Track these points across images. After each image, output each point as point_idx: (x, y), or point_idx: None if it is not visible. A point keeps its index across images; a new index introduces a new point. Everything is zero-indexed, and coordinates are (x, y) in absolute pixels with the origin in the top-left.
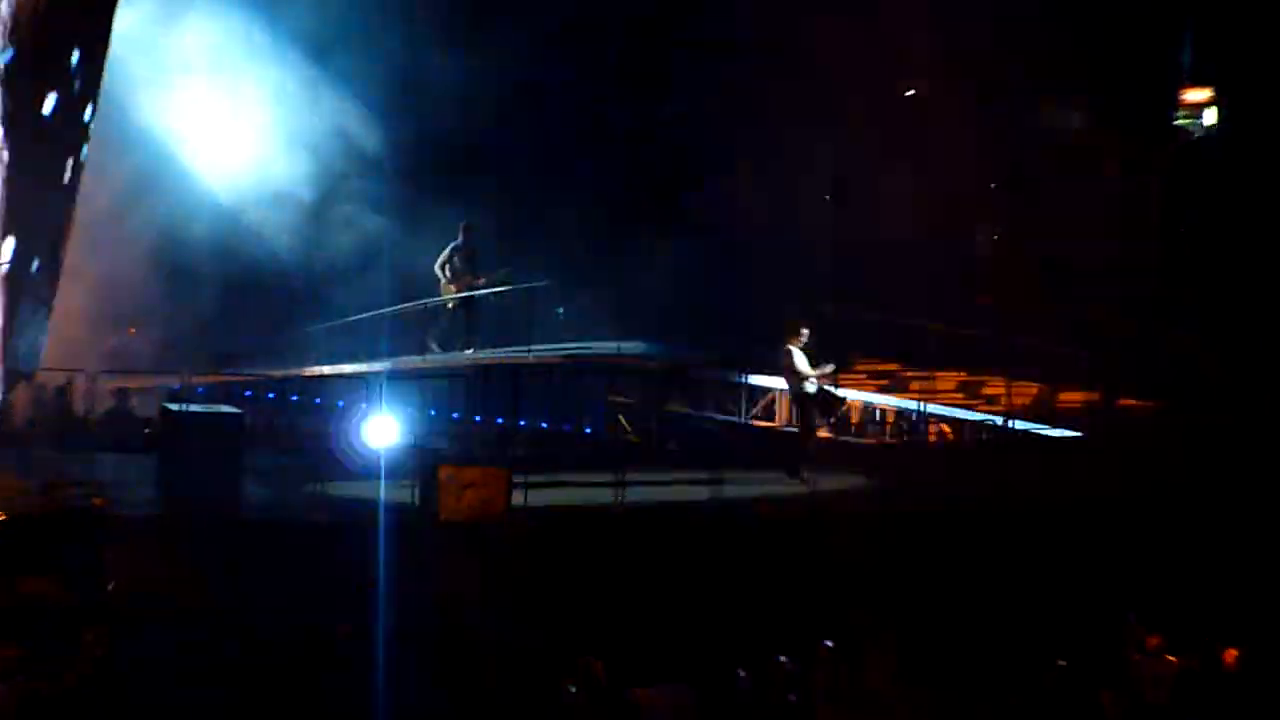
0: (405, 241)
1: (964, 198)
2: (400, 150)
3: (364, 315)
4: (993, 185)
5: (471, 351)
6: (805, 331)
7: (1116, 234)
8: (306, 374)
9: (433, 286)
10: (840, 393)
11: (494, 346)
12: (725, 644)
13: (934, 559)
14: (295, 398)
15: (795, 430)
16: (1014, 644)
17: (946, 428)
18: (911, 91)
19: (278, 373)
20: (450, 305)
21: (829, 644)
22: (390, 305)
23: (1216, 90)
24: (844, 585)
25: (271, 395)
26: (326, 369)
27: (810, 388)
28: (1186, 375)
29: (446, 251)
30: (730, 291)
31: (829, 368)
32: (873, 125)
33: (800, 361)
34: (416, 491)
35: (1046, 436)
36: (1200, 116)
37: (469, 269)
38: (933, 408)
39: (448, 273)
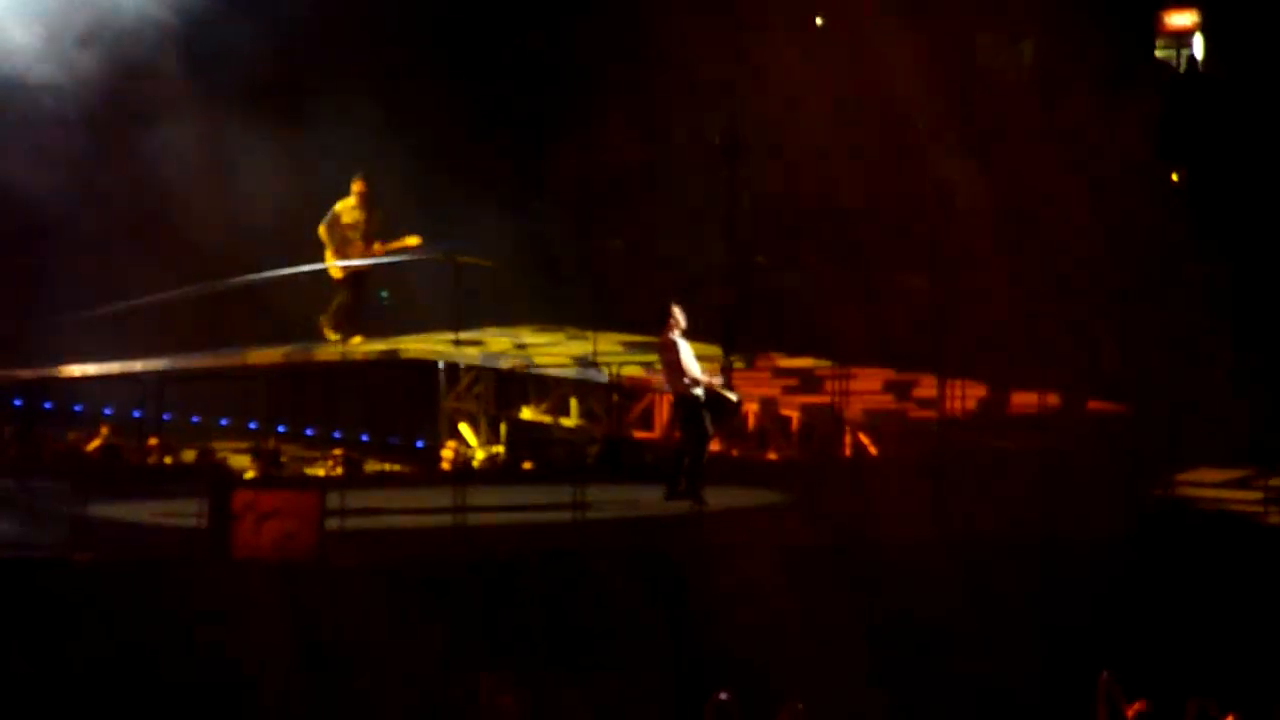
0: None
1: (898, 149)
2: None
3: (147, 299)
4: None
5: (359, 341)
6: (679, 314)
7: (1087, 195)
8: (65, 374)
9: (314, 253)
10: (734, 395)
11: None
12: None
13: (837, 603)
14: (49, 405)
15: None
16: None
17: (865, 438)
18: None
19: (26, 373)
20: (341, 280)
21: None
22: (187, 282)
23: (1203, 12)
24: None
25: (18, 402)
26: (91, 368)
27: (698, 391)
28: (1175, 369)
29: (333, 211)
30: (598, 264)
31: (719, 378)
32: (790, 59)
33: (687, 356)
34: (205, 520)
35: (994, 451)
36: (1185, 45)
37: (362, 234)
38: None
39: (334, 238)
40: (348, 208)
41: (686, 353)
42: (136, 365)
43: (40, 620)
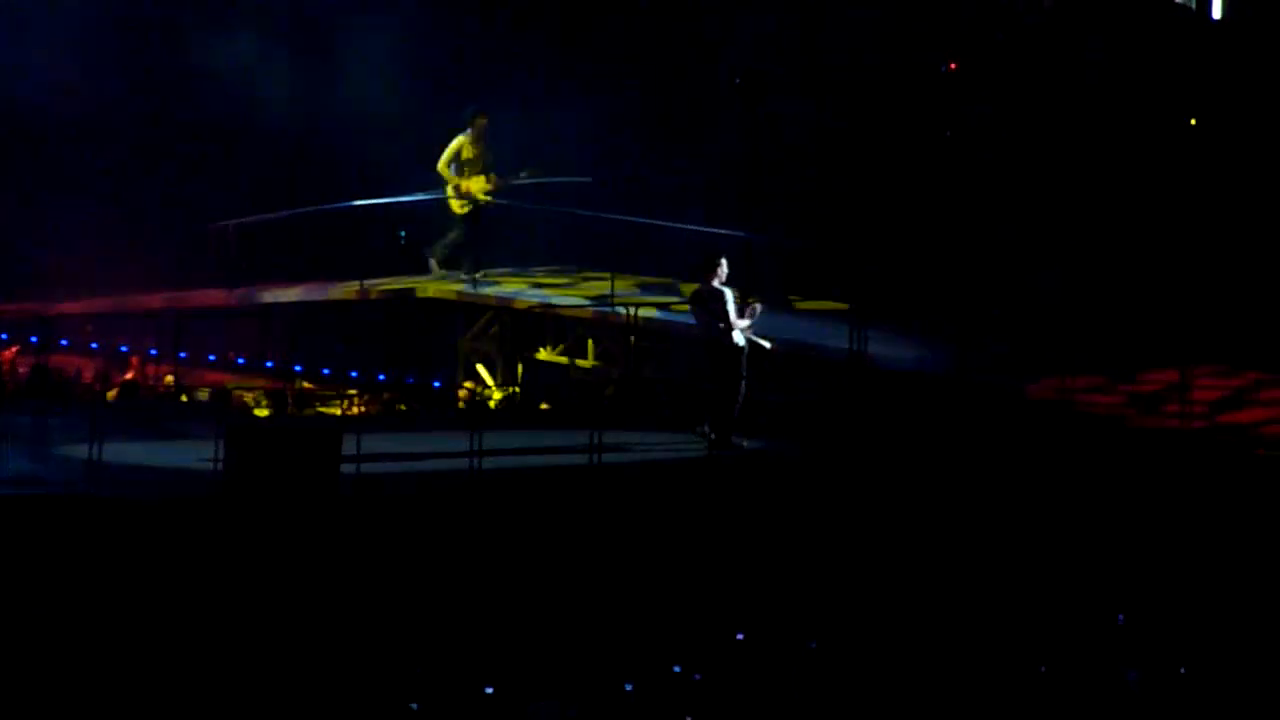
0: None
1: (898, 89)
2: None
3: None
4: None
5: (480, 275)
6: (724, 265)
7: (1093, 144)
8: (81, 310)
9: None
10: (766, 343)
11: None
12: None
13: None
14: (65, 342)
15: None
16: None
17: None
18: None
19: (39, 307)
20: (461, 214)
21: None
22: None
23: None
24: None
25: (34, 338)
26: (107, 303)
27: (739, 339)
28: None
29: (453, 145)
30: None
31: (757, 306)
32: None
33: (731, 306)
34: (220, 462)
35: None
36: None
37: (482, 167)
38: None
39: (454, 171)
40: (466, 143)
41: (730, 302)
42: (154, 301)
43: (53, 559)
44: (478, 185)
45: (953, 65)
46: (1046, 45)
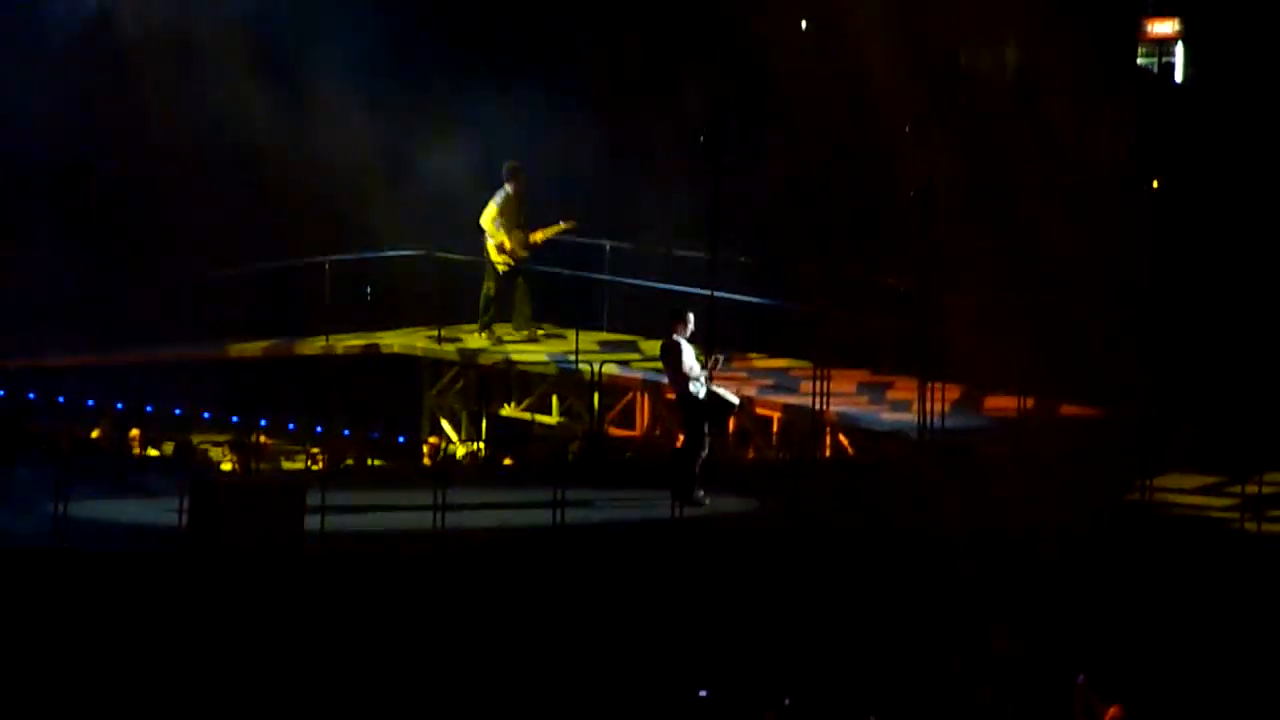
0: None
1: (877, 149)
2: None
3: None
4: (907, 128)
5: (542, 334)
6: (690, 320)
7: (1069, 199)
8: (47, 365)
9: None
10: (732, 398)
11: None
12: None
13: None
14: (32, 396)
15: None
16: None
17: (844, 439)
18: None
19: (8, 363)
20: (501, 272)
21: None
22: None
23: (1185, 22)
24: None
25: (2, 392)
26: (73, 359)
27: (700, 391)
28: (1146, 376)
29: (497, 200)
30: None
31: (719, 358)
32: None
33: (689, 358)
34: (184, 514)
35: (968, 451)
36: (1167, 53)
37: (521, 222)
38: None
39: (498, 227)
40: (509, 197)
41: (689, 354)
42: (121, 356)
43: (18, 612)
44: (518, 240)
45: (907, 127)
46: (1010, 107)
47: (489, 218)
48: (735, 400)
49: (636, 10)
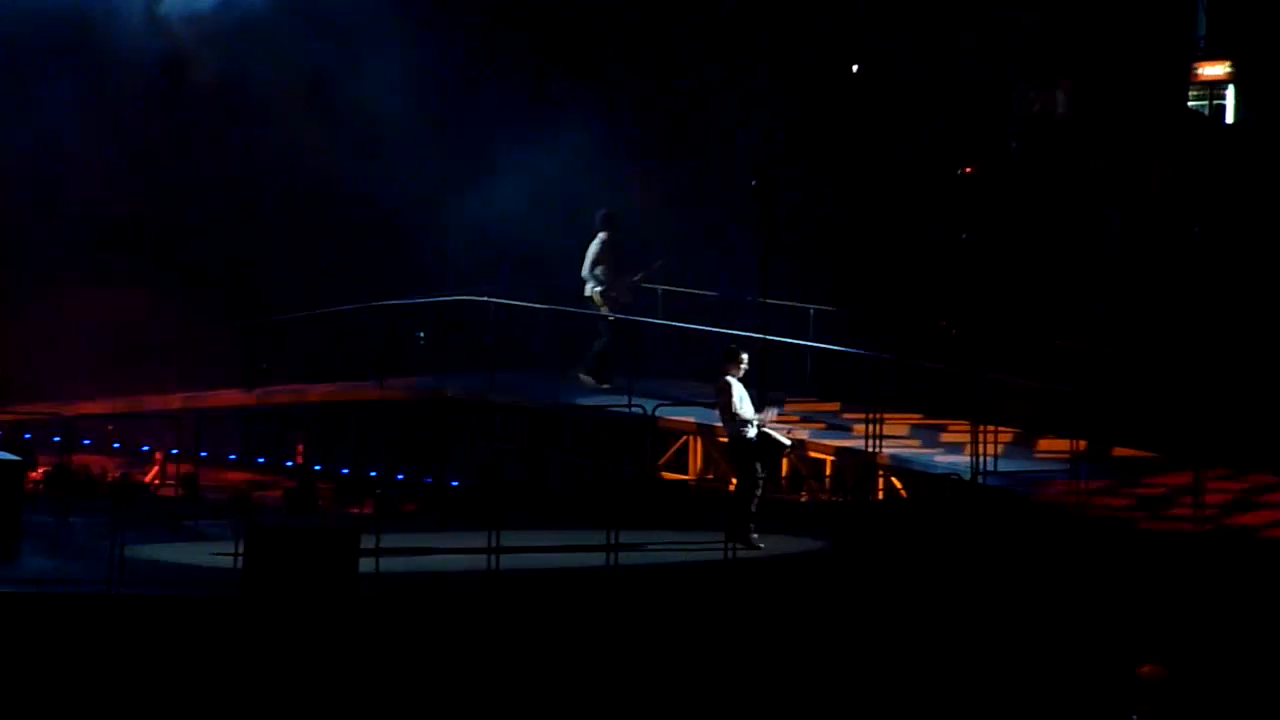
0: None
1: (919, 191)
2: None
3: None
4: (961, 172)
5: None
6: (745, 360)
7: (1117, 239)
8: (101, 410)
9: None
10: (784, 439)
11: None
12: None
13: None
14: (88, 441)
15: (721, 485)
16: None
17: (897, 482)
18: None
19: (67, 409)
20: (611, 319)
21: None
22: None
23: (1235, 64)
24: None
25: (58, 439)
26: (126, 403)
27: (751, 432)
28: (1195, 416)
29: (596, 247)
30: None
31: (773, 411)
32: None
33: (740, 399)
34: (240, 558)
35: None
36: (1218, 96)
37: (619, 268)
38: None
39: (601, 274)
40: (605, 243)
41: (740, 394)
42: (174, 401)
43: (75, 657)
44: (623, 286)
45: (968, 169)
46: (1060, 150)
47: (587, 267)
48: (787, 442)
49: (688, 55)
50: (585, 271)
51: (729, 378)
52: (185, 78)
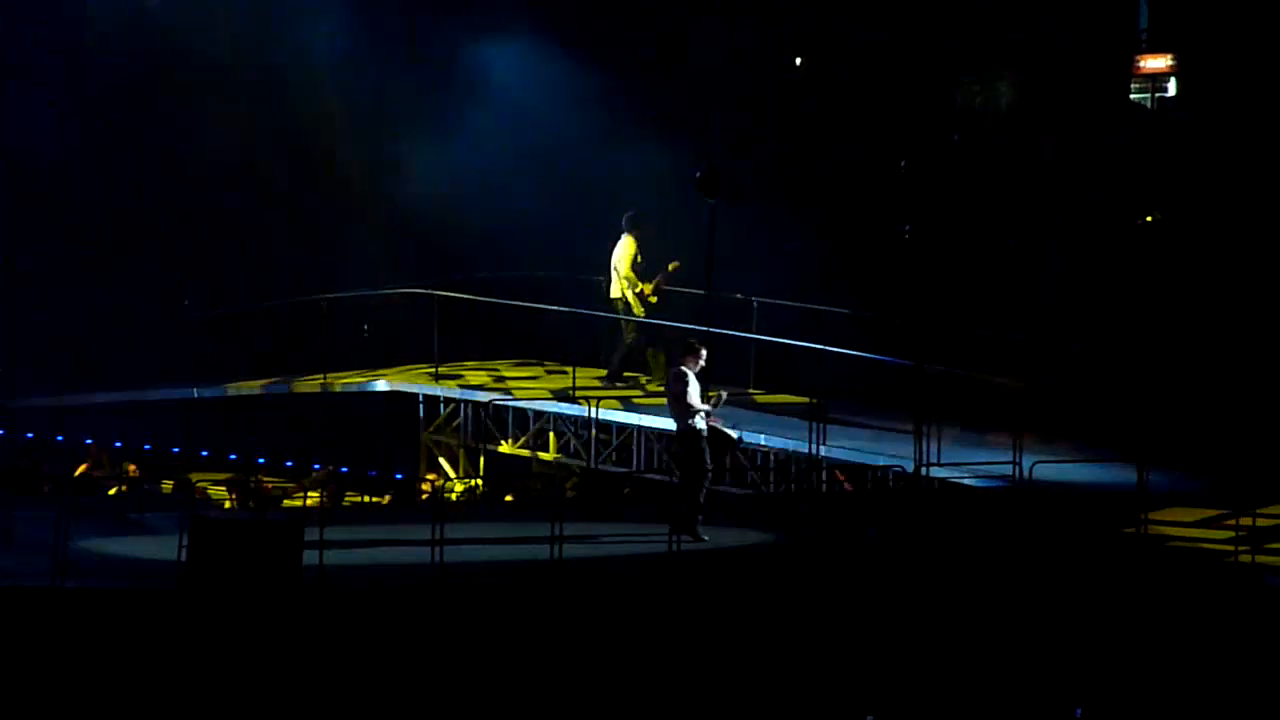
0: None
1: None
2: None
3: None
4: (902, 164)
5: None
6: (703, 354)
7: (1059, 234)
8: (47, 405)
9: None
10: (731, 432)
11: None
12: None
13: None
14: (30, 435)
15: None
16: None
17: (841, 474)
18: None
19: (9, 403)
20: (641, 318)
21: None
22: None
23: (1178, 57)
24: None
25: (1, 432)
26: (71, 399)
27: (700, 423)
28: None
29: (631, 248)
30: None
31: (721, 394)
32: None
33: (694, 392)
34: (183, 552)
35: (967, 485)
36: (1160, 89)
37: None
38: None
39: (630, 276)
40: (633, 243)
41: (693, 387)
42: (116, 396)
43: (18, 651)
44: (649, 288)
45: (906, 163)
46: (1003, 143)
47: (629, 268)
48: (735, 434)
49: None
50: (615, 272)
51: (685, 369)
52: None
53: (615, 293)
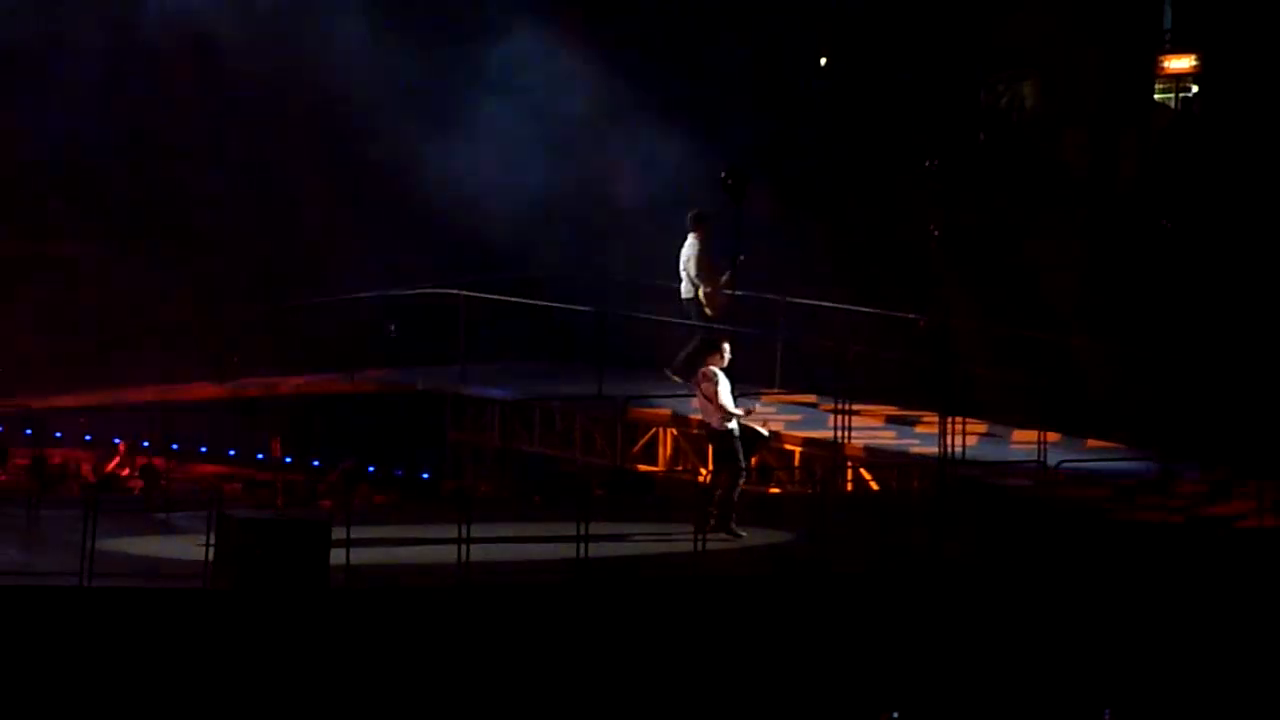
0: None
1: (889, 187)
2: None
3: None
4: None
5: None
6: (727, 350)
7: (1082, 234)
8: (73, 403)
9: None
10: (763, 430)
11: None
12: None
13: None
14: (59, 435)
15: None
16: None
17: (867, 474)
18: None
19: (36, 402)
20: (712, 319)
21: None
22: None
23: (1202, 57)
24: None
25: (29, 430)
26: (98, 397)
27: (732, 424)
28: (1166, 409)
29: (698, 248)
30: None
31: (755, 404)
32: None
33: (725, 391)
34: (211, 550)
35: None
36: (1184, 89)
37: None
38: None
39: (700, 277)
40: (701, 245)
41: (724, 387)
42: (144, 394)
43: (45, 649)
44: (715, 287)
45: (933, 161)
46: (1029, 143)
47: (700, 268)
48: (766, 433)
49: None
50: (685, 274)
51: (713, 368)
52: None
53: (686, 293)
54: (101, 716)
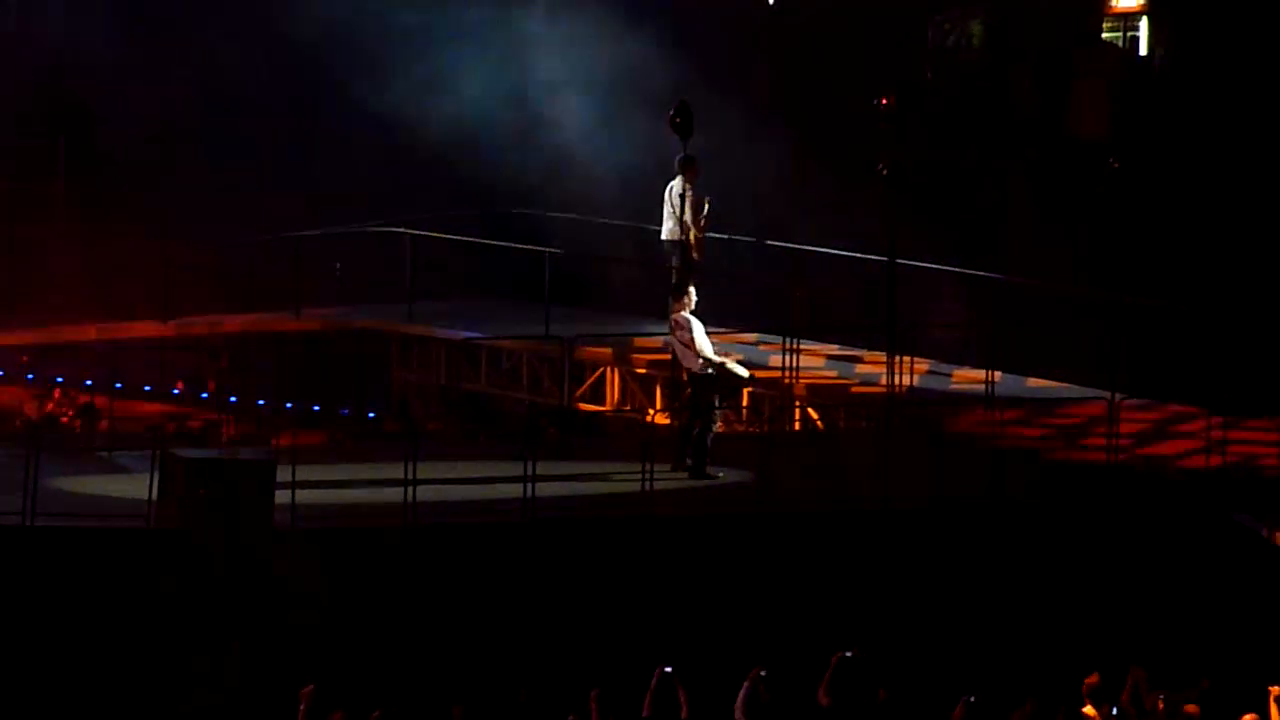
0: None
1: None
2: None
3: None
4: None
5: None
6: (693, 293)
7: (1026, 175)
8: (14, 341)
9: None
10: (743, 372)
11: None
12: None
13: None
14: (1, 373)
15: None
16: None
17: (814, 413)
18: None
19: None
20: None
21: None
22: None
23: None
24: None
25: None
26: (40, 335)
27: (710, 368)
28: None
29: (690, 192)
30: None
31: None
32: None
33: (700, 335)
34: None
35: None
36: (1132, 28)
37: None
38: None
39: (693, 219)
40: (690, 190)
41: (699, 331)
42: (88, 332)
43: None
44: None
45: (884, 100)
46: (977, 82)
47: (691, 211)
48: (746, 374)
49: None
50: (673, 215)
51: (684, 314)
52: None
53: (671, 234)
54: (46, 655)
